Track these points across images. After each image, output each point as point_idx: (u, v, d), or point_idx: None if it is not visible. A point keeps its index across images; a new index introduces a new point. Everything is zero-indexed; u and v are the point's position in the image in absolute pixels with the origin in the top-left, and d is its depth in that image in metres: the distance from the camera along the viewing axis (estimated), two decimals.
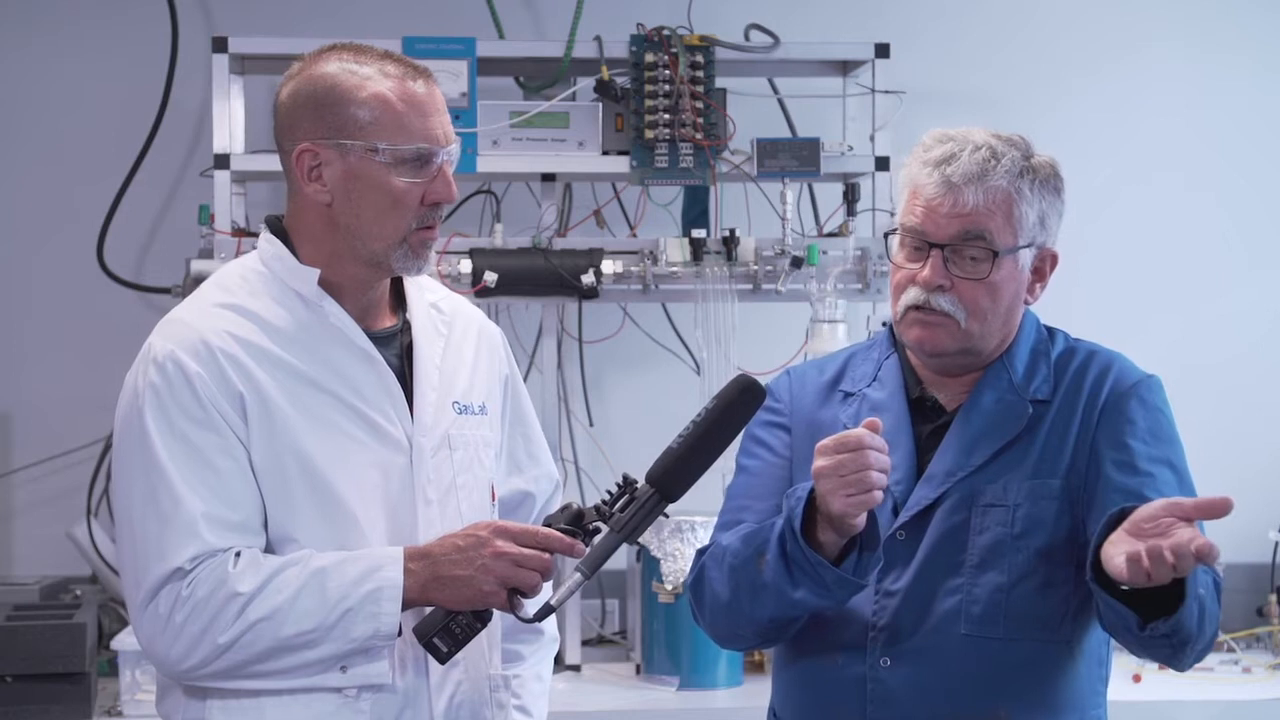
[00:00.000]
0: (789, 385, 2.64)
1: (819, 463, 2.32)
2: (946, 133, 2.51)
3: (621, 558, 4.20)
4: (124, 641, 3.72)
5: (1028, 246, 2.49)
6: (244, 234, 3.96)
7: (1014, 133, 2.52)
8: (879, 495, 2.31)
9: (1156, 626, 2.25)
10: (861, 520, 2.34)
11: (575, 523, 2.34)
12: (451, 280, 3.98)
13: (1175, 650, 2.32)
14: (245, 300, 2.39)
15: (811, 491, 2.35)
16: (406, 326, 2.48)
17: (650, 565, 3.99)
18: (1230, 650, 4.30)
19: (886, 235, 2.58)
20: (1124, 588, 2.23)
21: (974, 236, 2.45)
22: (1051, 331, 2.59)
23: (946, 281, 2.46)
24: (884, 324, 4.05)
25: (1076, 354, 2.56)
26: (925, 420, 2.54)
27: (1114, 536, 2.21)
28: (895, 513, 2.48)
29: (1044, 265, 2.54)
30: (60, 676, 3.67)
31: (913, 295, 2.48)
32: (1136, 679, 4.04)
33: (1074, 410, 2.50)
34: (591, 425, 4.54)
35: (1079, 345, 2.58)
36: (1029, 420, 2.49)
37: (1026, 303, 2.54)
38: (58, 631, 3.69)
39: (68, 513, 4.37)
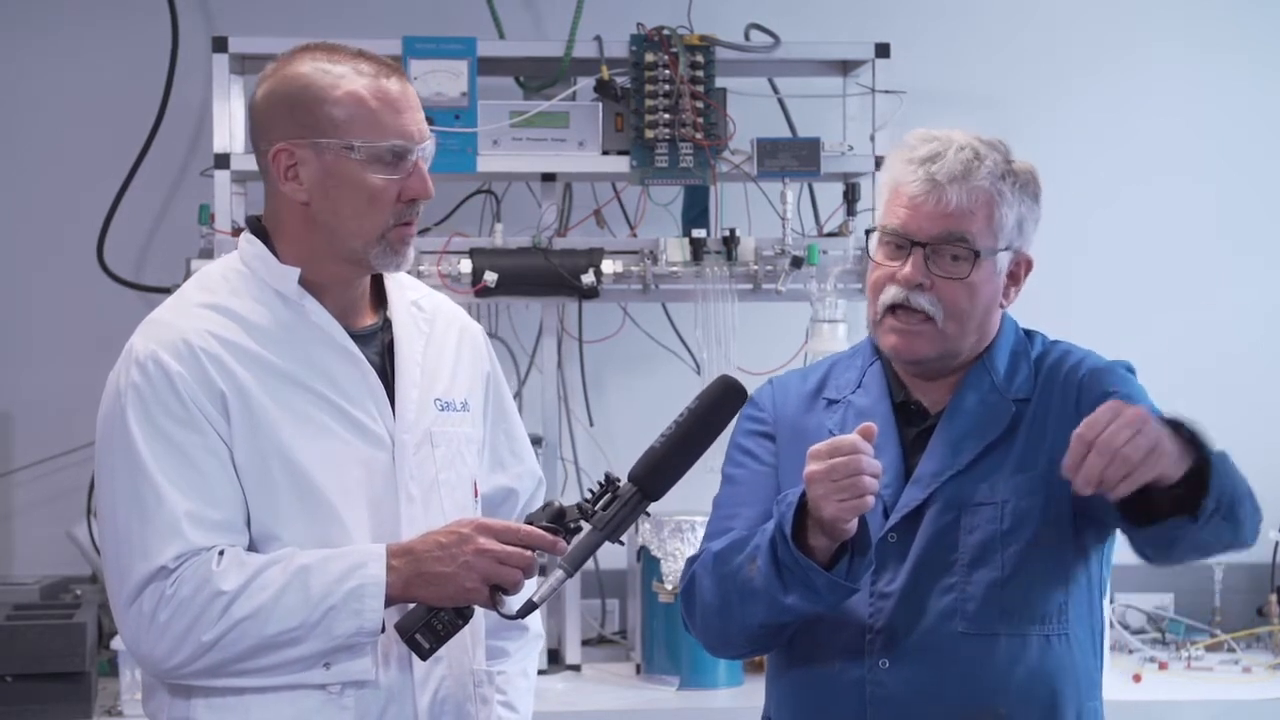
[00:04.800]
0: (771, 394, 2.65)
1: (811, 467, 2.32)
2: (931, 132, 2.52)
3: (622, 557, 4.21)
4: None
5: (1006, 250, 2.51)
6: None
7: (993, 136, 2.53)
8: (871, 500, 2.32)
9: (1205, 505, 2.23)
10: (853, 525, 2.35)
11: (557, 520, 2.35)
12: (451, 280, 3.98)
13: (1235, 526, 2.30)
14: (226, 300, 2.40)
15: (803, 496, 2.36)
16: (387, 324, 2.49)
17: (650, 565, 3.99)
18: (1230, 650, 4.30)
19: (867, 233, 2.59)
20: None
21: (956, 237, 2.47)
22: (1030, 334, 2.61)
23: (927, 280, 2.47)
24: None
25: (1052, 353, 2.58)
26: (910, 424, 2.55)
27: None
28: (885, 515, 2.48)
29: (1019, 270, 2.55)
30: (60, 676, 3.67)
31: (892, 294, 2.49)
32: (1137, 679, 4.04)
33: (1051, 401, 2.51)
34: (592, 425, 4.54)
35: (1055, 345, 2.60)
36: (1011, 419, 2.50)
37: (1001, 306, 2.55)
38: (58, 631, 3.69)
39: (68, 512, 4.36)
